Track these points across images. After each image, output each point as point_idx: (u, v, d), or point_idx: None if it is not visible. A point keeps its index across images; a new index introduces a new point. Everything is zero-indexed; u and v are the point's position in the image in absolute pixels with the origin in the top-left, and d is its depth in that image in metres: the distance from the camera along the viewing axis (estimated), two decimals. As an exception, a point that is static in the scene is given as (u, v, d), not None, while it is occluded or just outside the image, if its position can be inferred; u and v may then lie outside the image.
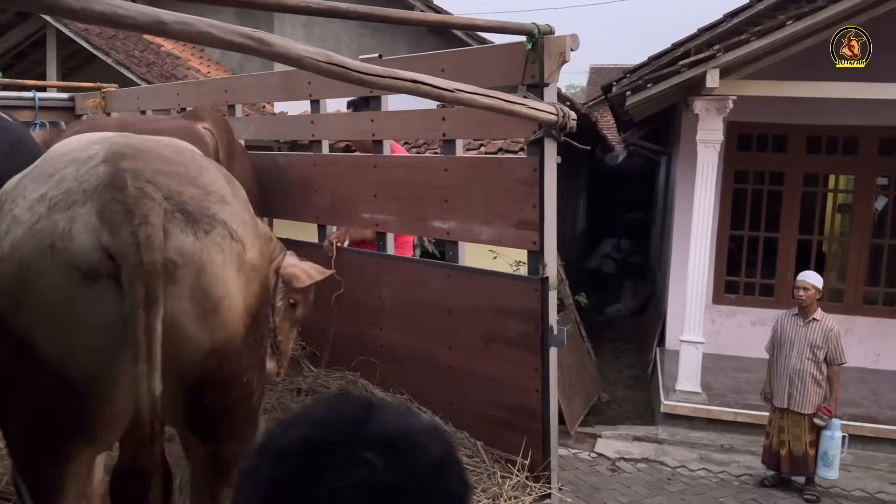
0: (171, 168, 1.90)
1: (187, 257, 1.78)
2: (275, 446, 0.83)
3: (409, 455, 0.82)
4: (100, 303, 1.72)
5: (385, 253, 4.13)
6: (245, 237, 1.93)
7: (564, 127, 2.99)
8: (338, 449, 0.80)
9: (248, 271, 1.92)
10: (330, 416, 0.86)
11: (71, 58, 10.70)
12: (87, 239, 1.71)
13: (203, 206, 1.86)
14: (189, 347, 1.82)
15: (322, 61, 2.12)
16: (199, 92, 4.95)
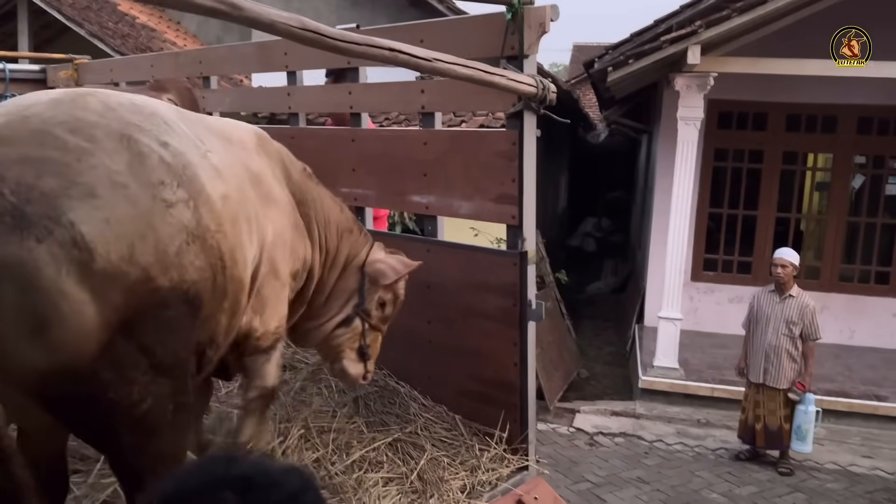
0: (44, 153, 1.64)
1: (7, 269, 1.53)
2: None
3: (264, 491, 0.90)
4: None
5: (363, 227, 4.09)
6: (99, 240, 1.61)
7: (544, 100, 2.96)
8: (196, 494, 0.90)
9: (98, 282, 1.61)
10: (191, 469, 0.97)
11: (43, 30, 10.46)
12: None
13: (51, 205, 1.58)
14: (19, 369, 1.58)
15: (295, 27, 2.07)
16: (174, 63, 4.85)
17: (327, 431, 3.39)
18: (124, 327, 1.66)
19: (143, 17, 10.69)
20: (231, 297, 2.06)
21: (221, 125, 2.56)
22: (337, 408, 3.63)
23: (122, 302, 1.65)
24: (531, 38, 2.94)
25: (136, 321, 1.69)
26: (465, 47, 3.04)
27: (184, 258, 1.78)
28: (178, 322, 1.81)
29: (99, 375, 1.64)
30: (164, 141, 1.87)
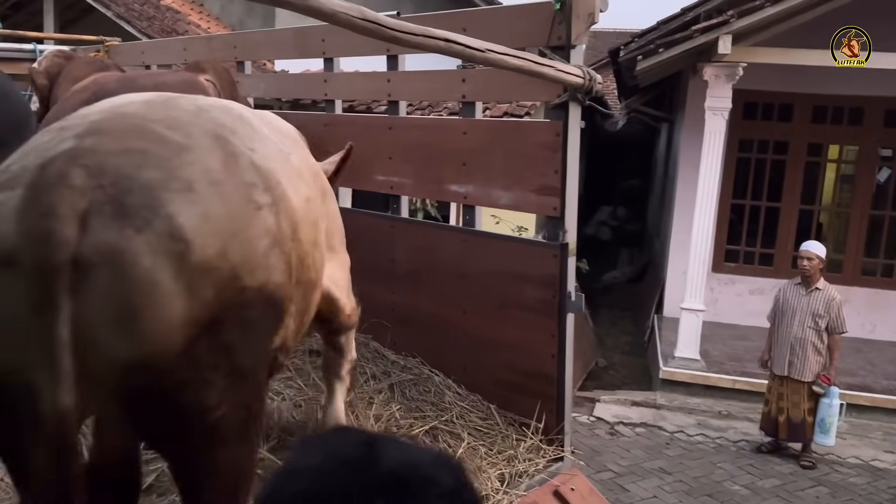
0: (144, 145, 1.66)
1: (104, 256, 1.52)
2: (276, 502, 0.79)
3: (421, 491, 0.78)
4: (13, 295, 1.51)
5: (399, 216, 4.10)
6: (196, 234, 1.61)
7: (590, 90, 2.95)
8: (345, 502, 0.76)
9: (193, 276, 1.60)
10: (330, 465, 0.80)
11: (69, 9, 10.47)
12: (8, 225, 1.52)
13: (151, 196, 1.59)
14: (104, 360, 1.55)
15: (356, 17, 2.06)
16: (207, 47, 4.84)
17: (366, 418, 3.42)
18: (210, 325, 1.64)
19: (168, 0, 10.69)
20: (302, 301, 2.07)
21: (281, 123, 2.55)
22: (373, 394, 3.65)
23: (212, 298, 1.63)
24: (579, 27, 2.92)
25: (222, 320, 1.67)
26: (509, 36, 3.02)
27: (269, 260, 1.77)
28: (260, 325, 1.80)
29: (179, 373, 1.63)
30: (252, 146, 1.87)
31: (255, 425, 1.87)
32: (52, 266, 1.46)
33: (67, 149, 1.59)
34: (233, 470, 1.84)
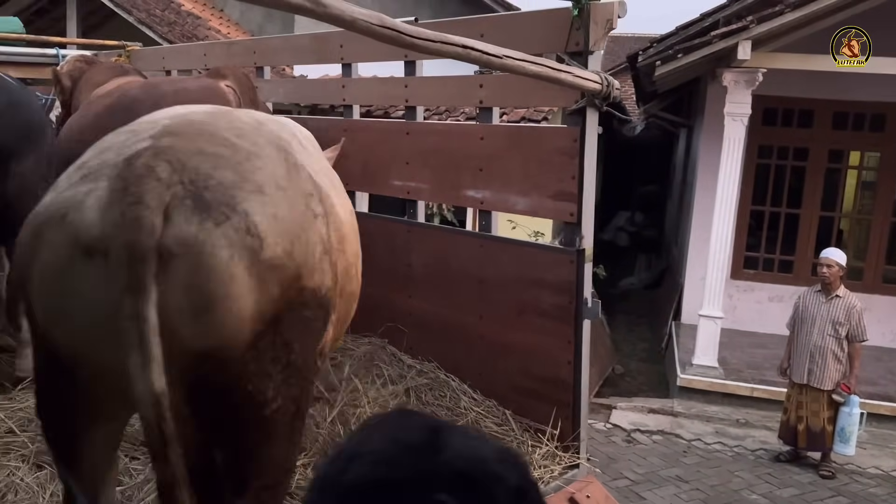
0: (216, 150, 1.76)
1: (185, 247, 1.60)
2: (336, 485, 0.77)
3: (487, 488, 0.75)
4: (92, 282, 1.61)
5: (416, 221, 4.11)
6: (268, 232, 1.71)
7: (608, 96, 2.95)
8: (407, 490, 0.73)
9: (263, 271, 1.69)
10: (393, 449, 0.78)
11: (91, 15, 10.60)
12: (93, 213, 1.62)
13: (228, 194, 1.69)
14: (179, 346, 1.62)
15: (375, 24, 2.08)
16: (227, 52, 4.89)
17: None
18: (274, 320, 1.73)
19: (189, 5, 10.79)
20: (343, 310, 2.19)
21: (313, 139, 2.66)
22: (389, 398, 3.66)
23: (278, 294, 1.72)
24: (597, 33, 2.92)
25: (284, 316, 1.76)
26: (526, 42, 3.03)
27: (323, 265, 1.87)
28: (313, 326, 1.89)
29: (244, 364, 1.71)
30: (305, 160, 2.01)
31: (300, 424, 1.96)
32: (142, 251, 1.54)
33: (149, 146, 1.68)
34: (280, 465, 1.93)
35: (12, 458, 3.02)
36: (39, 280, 1.68)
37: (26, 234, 1.73)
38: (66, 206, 1.66)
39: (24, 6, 10.64)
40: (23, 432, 3.21)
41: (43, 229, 1.68)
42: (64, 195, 1.69)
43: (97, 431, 1.88)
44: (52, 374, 1.80)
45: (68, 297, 1.65)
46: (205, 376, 1.69)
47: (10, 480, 2.87)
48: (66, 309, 1.66)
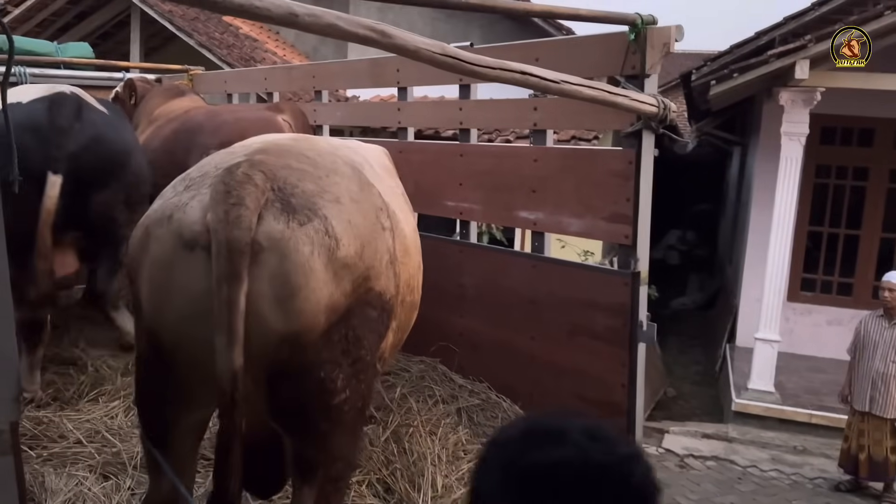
0: (301, 166, 2.05)
1: (274, 242, 1.86)
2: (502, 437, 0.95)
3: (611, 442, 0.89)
4: (193, 271, 1.86)
5: (468, 241, 4.14)
6: (343, 235, 1.97)
7: (664, 119, 2.95)
8: (550, 434, 0.90)
9: (338, 268, 1.95)
10: (589, 438, 0.90)
11: (153, 38, 11.00)
12: (196, 213, 1.90)
13: (310, 201, 1.95)
14: (263, 330, 1.86)
15: (437, 53, 2.14)
16: (287, 77, 5.03)
17: (433, 436, 3.44)
18: (346, 314, 1.98)
19: (246, 28, 11.11)
20: (403, 319, 2.42)
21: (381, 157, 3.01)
22: (441, 417, 3.68)
23: (350, 291, 1.97)
24: (654, 57, 2.92)
25: (354, 312, 2.00)
26: (580, 66, 3.05)
27: (389, 271, 2.14)
28: (378, 324, 2.12)
29: (318, 350, 1.94)
30: (374, 181, 2.29)
31: (363, 419, 2.19)
32: (242, 244, 1.79)
33: (245, 160, 1.97)
34: (345, 457, 2.15)
35: (80, 469, 3.12)
36: (148, 271, 1.95)
37: (137, 234, 2.02)
38: (172, 208, 1.95)
39: (90, 30, 11.10)
40: (90, 443, 3.32)
41: (151, 228, 1.96)
42: (170, 201, 1.98)
43: (187, 416, 2.11)
44: (152, 360, 2.02)
45: (171, 285, 1.90)
46: (283, 360, 1.91)
47: (79, 490, 2.97)
48: (169, 294, 1.91)
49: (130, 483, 3.02)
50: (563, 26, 9.84)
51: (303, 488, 2.14)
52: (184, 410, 2.08)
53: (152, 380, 2.06)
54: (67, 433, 3.39)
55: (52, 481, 2.97)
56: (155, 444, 2.12)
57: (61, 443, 3.32)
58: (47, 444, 3.29)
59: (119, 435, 3.38)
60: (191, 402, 2.06)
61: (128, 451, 3.21)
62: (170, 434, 2.10)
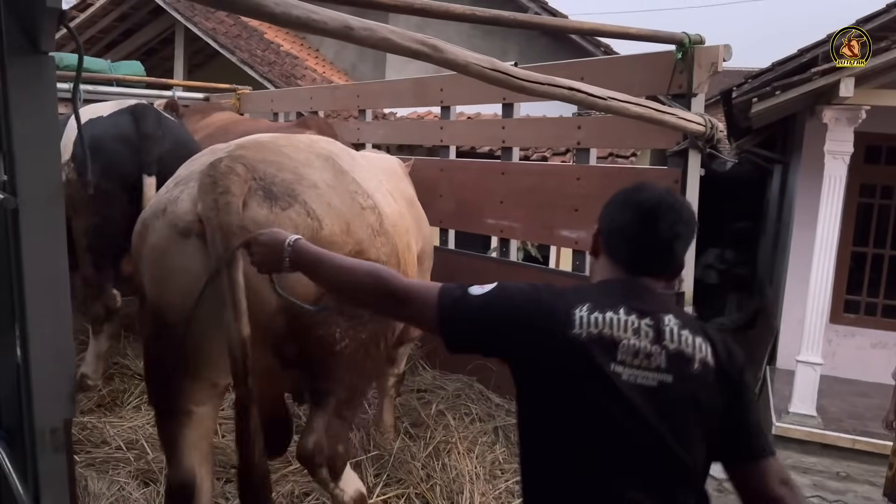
0: (276, 158, 2.25)
1: (260, 227, 2.02)
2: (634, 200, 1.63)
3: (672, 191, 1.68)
4: (188, 256, 2.09)
5: (508, 259, 4.13)
6: (324, 217, 2.20)
7: (711, 138, 2.92)
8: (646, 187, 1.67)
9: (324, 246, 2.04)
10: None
11: (196, 55, 11.23)
12: (187, 205, 2.11)
13: (289, 188, 2.17)
14: (260, 303, 2.08)
15: (487, 68, 2.15)
16: (332, 96, 5.09)
17: (471, 454, 3.43)
18: None
19: (287, 45, 11.28)
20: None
21: (384, 161, 3.34)
22: (478, 435, 3.66)
23: None
24: (701, 76, 2.90)
25: None
26: (626, 84, 3.04)
27: (376, 243, 2.37)
28: None
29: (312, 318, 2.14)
30: (351, 169, 2.49)
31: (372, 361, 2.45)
32: (232, 228, 1.98)
33: (227, 154, 2.17)
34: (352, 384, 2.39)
35: (122, 475, 3.19)
36: (148, 258, 2.19)
37: (137, 228, 2.26)
38: (165, 202, 2.18)
39: (136, 47, 11.39)
40: (129, 450, 3.39)
41: (148, 221, 2.20)
42: (163, 197, 2.23)
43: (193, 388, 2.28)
44: (158, 336, 2.22)
45: (171, 268, 2.13)
46: (287, 326, 2.16)
47: (121, 495, 3.03)
48: (169, 276, 2.14)
49: (168, 490, 3.07)
50: (601, 44, 9.83)
51: (315, 409, 2.39)
52: (190, 381, 2.26)
53: (159, 355, 2.25)
54: (109, 439, 3.47)
55: (94, 485, 3.04)
56: (167, 419, 2.32)
57: (104, 448, 3.41)
58: (90, 448, 3.39)
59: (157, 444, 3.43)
60: (196, 373, 2.26)
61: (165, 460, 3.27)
62: (177, 410, 2.29)
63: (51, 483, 1.29)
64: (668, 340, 1.52)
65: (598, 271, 1.68)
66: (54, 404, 1.31)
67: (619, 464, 1.49)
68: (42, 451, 1.28)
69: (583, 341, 1.48)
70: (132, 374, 4.19)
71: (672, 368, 1.51)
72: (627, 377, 1.48)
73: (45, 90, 1.35)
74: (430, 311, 1.59)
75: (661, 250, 1.59)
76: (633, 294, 1.56)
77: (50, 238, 1.34)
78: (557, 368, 1.50)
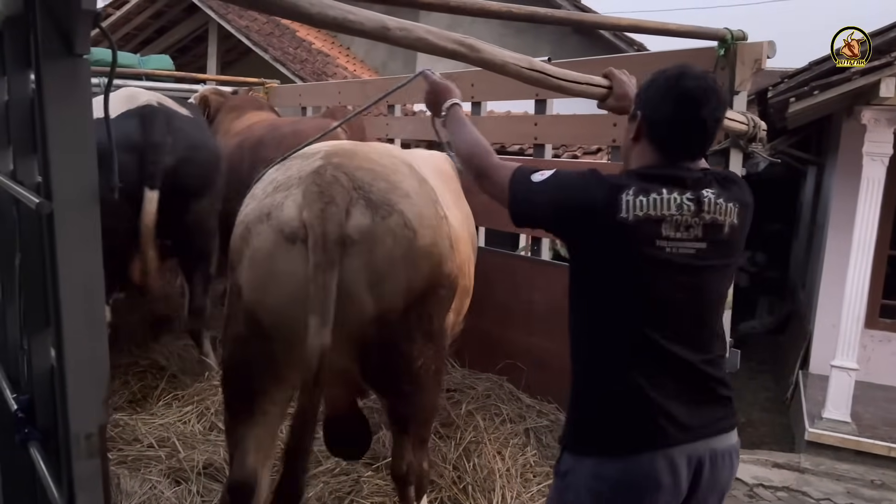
0: (370, 166, 2.27)
1: (363, 235, 2.13)
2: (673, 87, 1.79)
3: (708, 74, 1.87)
4: (293, 261, 2.10)
5: (539, 258, 4.08)
6: (419, 228, 2.22)
7: (754, 137, 2.84)
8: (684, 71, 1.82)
9: (416, 257, 2.21)
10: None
11: (229, 52, 11.32)
12: (292, 211, 2.13)
13: (387, 197, 2.20)
14: (357, 311, 2.14)
15: (525, 67, 2.11)
16: (361, 91, 5.07)
17: (501, 455, 3.39)
18: (421, 296, 2.25)
19: (318, 44, 11.32)
20: (458, 301, 2.65)
21: (435, 160, 3.25)
22: (509, 437, 3.62)
23: (427, 274, 2.25)
24: (744, 74, 2.83)
25: (428, 293, 2.28)
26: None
27: (452, 255, 2.40)
28: (445, 303, 2.43)
29: (399, 327, 2.22)
30: (426, 176, 2.50)
31: (438, 378, 2.52)
32: (335, 237, 2.05)
33: (326, 163, 2.23)
34: (428, 408, 2.51)
35: (153, 473, 3.19)
36: (250, 261, 2.20)
37: (238, 230, 2.28)
38: (269, 207, 2.20)
39: (170, 44, 11.51)
40: (161, 447, 3.39)
41: (251, 225, 2.21)
42: (265, 202, 2.23)
43: (273, 393, 2.32)
44: (248, 338, 2.25)
45: (273, 272, 2.15)
46: (372, 336, 2.20)
47: (152, 493, 3.04)
48: (271, 280, 2.16)
49: (199, 488, 3.08)
50: (634, 42, 9.72)
51: (400, 435, 2.52)
52: (272, 385, 2.30)
53: (245, 358, 2.29)
54: (141, 436, 3.48)
55: (126, 483, 3.05)
56: (241, 418, 2.35)
57: (135, 446, 3.41)
58: (122, 446, 3.39)
59: (189, 442, 3.46)
60: (279, 379, 2.29)
61: (196, 458, 3.29)
62: (255, 410, 2.33)
63: (85, 487, 1.28)
64: (706, 212, 1.75)
65: (638, 156, 1.84)
66: (89, 410, 1.30)
67: (665, 325, 1.73)
68: (77, 456, 1.27)
69: (630, 224, 1.69)
70: (163, 370, 4.21)
71: (707, 236, 1.75)
72: (670, 249, 1.72)
73: (80, 93, 1.33)
74: (503, 190, 1.85)
75: (702, 133, 1.77)
76: (674, 175, 1.76)
77: (85, 243, 1.33)
78: (607, 248, 1.72)
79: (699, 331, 1.79)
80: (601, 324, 1.79)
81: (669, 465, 1.72)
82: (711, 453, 1.78)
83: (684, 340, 1.75)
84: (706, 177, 1.81)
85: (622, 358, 1.75)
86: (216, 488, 3.05)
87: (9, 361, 1.96)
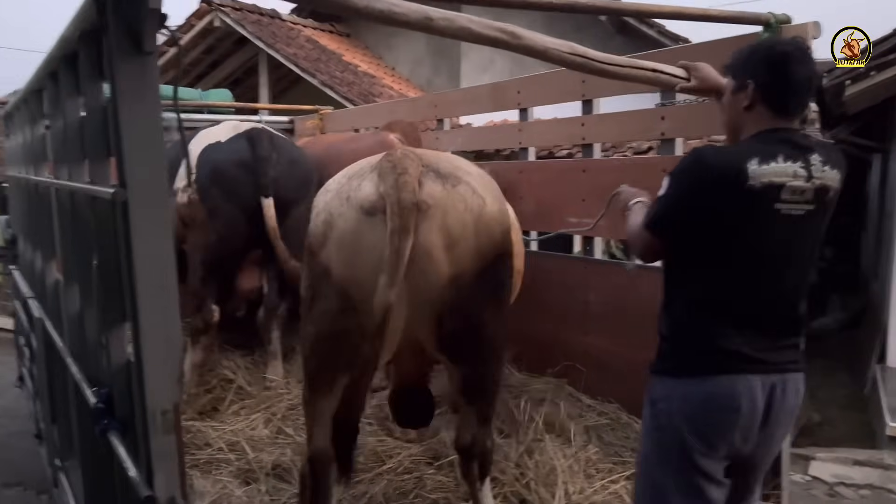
0: (437, 163, 2.49)
1: (437, 201, 2.31)
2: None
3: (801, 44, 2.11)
4: (376, 233, 2.27)
5: (592, 258, 4.07)
6: (486, 196, 2.43)
7: (805, 119, 2.78)
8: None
9: (486, 221, 2.40)
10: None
11: (279, 81, 11.63)
12: (369, 188, 2.34)
13: (454, 172, 2.42)
14: (435, 273, 2.32)
15: (566, 52, 2.15)
16: (412, 108, 5.17)
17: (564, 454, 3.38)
18: (493, 260, 2.42)
19: (364, 66, 11.55)
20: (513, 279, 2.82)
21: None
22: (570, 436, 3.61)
23: (499, 240, 2.44)
24: (790, 55, 2.78)
25: (498, 259, 2.45)
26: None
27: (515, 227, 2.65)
28: (508, 273, 2.60)
29: (472, 290, 2.37)
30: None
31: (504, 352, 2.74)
32: (410, 204, 2.22)
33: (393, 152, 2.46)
34: (496, 382, 2.69)
35: (224, 474, 3.34)
36: (338, 242, 2.39)
37: (320, 218, 2.46)
38: (347, 192, 2.41)
39: (223, 77, 11.90)
40: (231, 451, 3.54)
41: (332, 209, 2.42)
42: (342, 190, 2.44)
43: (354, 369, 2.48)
44: (341, 312, 2.40)
45: (360, 245, 2.33)
46: (447, 300, 2.35)
47: (224, 493, 3.17)
48: (359, 253, 2.33)
49: (267, 488, 3.20)
50: (679, 38, 9.61)
51: (467, 408, 2.67)
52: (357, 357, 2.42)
53: (335, 330, 2.43)
54: (212, 441, 3.64)
55: (199, 484, 3.19)
56: (322, 392, 2.53)
57: (207, 450, 3.58)
58: (194, 451, 3.56)
59: (257, 446, 3.61)
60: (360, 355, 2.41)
61: (265, 460, 3.44)
62: (335, 385, 2.49)
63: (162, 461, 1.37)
64: (815, 177, 1.98)
65: (750, 123, 2.04)
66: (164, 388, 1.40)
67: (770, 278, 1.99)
68: (154, 432, 1.37)
69: (757, 190, 1.91)
70: (231, 383, 4.35)
71: (816, 199, 1.99)
72: (786, 211, 1.95)
73: (149, 89, 1.44)
74: (649, 243, 2.09)
75: (805, 92, 2.01)
76: (787, 141, 1.98)
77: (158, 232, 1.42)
78: (739, 214, 1.92)
79: (796, 286, 2.06)
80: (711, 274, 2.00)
81: (749, 390, 1.99)
82: (782, 381, 2.07)
83: (781, 295, 2.03)
84: (810, 141, 2.05)
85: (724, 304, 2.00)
86: (284, 487, 3.16)
87: (88, 361, 2.08)
